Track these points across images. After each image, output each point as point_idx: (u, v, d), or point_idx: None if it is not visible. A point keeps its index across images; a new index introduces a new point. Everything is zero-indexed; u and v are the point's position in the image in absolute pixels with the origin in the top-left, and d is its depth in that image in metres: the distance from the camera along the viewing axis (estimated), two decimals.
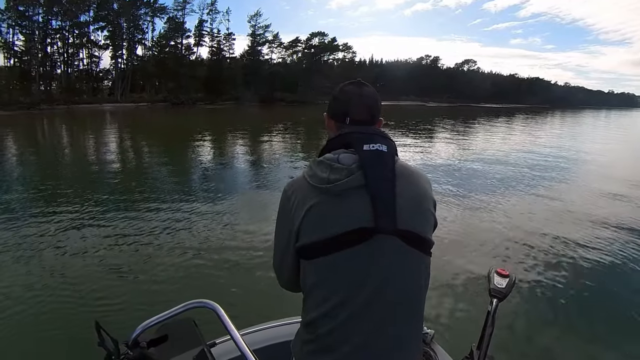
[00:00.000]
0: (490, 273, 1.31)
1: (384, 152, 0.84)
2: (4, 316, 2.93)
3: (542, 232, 5.12)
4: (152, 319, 0.98)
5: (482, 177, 8.91)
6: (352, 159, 0.83)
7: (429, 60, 76.74)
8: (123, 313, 2.97)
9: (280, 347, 1.30)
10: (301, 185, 0.86)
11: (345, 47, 59.89)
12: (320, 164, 0.85)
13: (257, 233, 4.75)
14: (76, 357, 2.46)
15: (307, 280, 0.85)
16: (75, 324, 2.82)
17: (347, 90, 0.93)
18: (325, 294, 0.81)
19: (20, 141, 15.68)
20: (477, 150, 13.50)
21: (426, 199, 0.87)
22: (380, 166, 0.83)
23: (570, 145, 16.42)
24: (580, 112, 62.34)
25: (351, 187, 0.80)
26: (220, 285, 3.52)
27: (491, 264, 3.92)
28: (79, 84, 40.96)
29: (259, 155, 12.30)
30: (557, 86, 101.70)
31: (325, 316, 0.81)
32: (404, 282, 0.82)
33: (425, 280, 0.86)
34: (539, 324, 3.05)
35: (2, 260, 3.94)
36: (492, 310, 1.21)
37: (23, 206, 6.09)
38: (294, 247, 0.85)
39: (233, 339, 0.97)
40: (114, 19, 41.35)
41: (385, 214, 0.79)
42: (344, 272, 0.80)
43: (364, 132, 0.87)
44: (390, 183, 0.82)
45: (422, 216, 0.85)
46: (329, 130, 0.97)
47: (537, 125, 29.18)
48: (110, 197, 6.65)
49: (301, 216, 0.82)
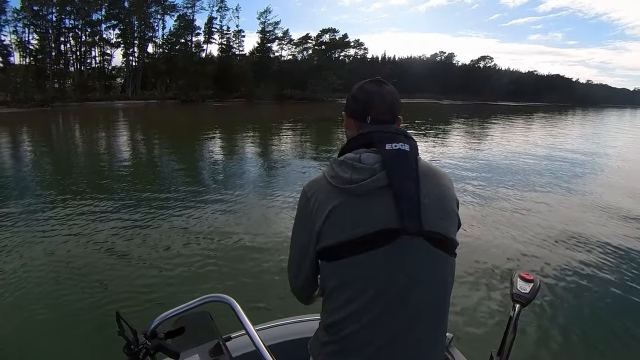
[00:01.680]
0: (513, 277, 1.24)
1: (406, 151, 0.83)
2: (32, 303, 3.10)
3: (572, 237, 4.80)
4: (170, 311, 0.99)
5: (507, 176, 8.59)
6: (374, 159, 0.82)
7: (444, 56, 75.07)
8: (142, 304, 3.09)
9: (295, 344, 1.30)
10: (322, 185, 0.84)
11: (357, 43, 59.11)
12: (341, 164, 0.83)
13: (274, 231, 4.74)
14: (98, 345, 2.57)
15: (328, 283, 0.83)
16: (99, 313, 2.97)
17: (366, 88, 0.91)
18: (349, 296, 0.79)
19: (38, 136, 16.24)
20: (495, 151, 12.86)
21: (450, 199, 0.86)
22: (404, 166, 0.81)
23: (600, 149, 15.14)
24: (603, 111, 59.73)
25: (375, 187, 0.79)
26: (236, 281, 3.55)
27: (515, 268, 3.82)
28: (91, 82, 41.59)
29: (272, 152, 12.10)
30: (579, 84, 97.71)
31: (348, 318, 0.80)
32: (430, 284, 0.81)
33: (451, 282, 0.85)
34: (564, 333, 2.87)
35: (29, 250, 4.14)
36: (515, 315, 1.16)
37: (45, 199, 6.29)
38: (314, 249, 0.84)
39: (248, 334, 0.97)
40: (125, 17, 41.80)
41: (411, 215, 0.78)
42: (368, 274, 0.78)
43: (385, 131, 0.85)
44: (415, 183, 0.80)
45: (447, 217, 0.84)
46: (348, 129, 0.94)
47: (556, 126, 27.71)
48: (129, 192, 6.85)
49: (323, 217, 0.81)
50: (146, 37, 44.44)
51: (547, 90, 76.81)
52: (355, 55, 60.72)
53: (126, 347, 0.91)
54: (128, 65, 43.68)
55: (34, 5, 36.02)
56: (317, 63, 53.35)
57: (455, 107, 49.30)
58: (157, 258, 4.00)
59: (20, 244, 4.28)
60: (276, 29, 52.64)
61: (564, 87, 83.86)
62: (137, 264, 3.88)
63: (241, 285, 3.47)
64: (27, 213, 5.39)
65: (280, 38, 53.56)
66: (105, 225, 4.95)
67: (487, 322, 2.88)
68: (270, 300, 3.11)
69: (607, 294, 3.46)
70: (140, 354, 0.91)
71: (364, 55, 62.29)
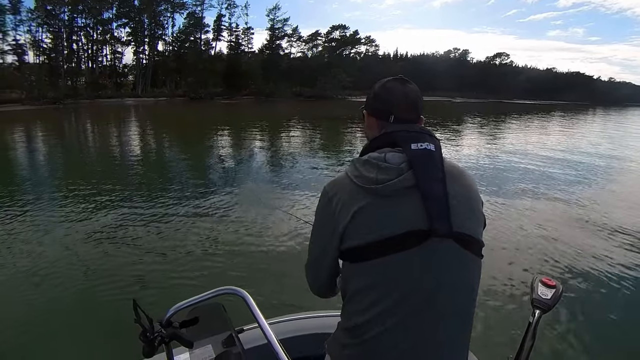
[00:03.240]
0: (534, 282, 1.21)
1: (432, 151, 0.82)
2: (53, 289, 3.30)
3: (598, 243, 4.60)
4: (185, 302, 1.01)
5: (527, 175, 8.35)
6: (400, 159, 0.80)
7: (458, 53, 73.21)
8: (158, 294, 3.22)
9: (306, 339, 1.32)
10: (345, 185, 0.83)
11: (368, 40, 58.33)
12: (366, 164, 0.81)
13: (289, 228, 4.72)
14: (115, 331, 2.64)
15: (351, 284, 0.82)
16: (116, 299, 3.10)
17: (390, 87, 0.90)
18: (373, 299, 0.78)
19: (54, 132, 16.89)
20: (510, 150, 12.35)
21: (476, 199, 0.85)
22: (430, 166, 0.80)
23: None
24: (625, 110, 57.03)
25: (402, 187, 0.78)
26: (250, 275, 3.62)
27: (536, 272, 3.74)
28: (103, 80, 42.14)
29: (285, 150, 12.00)
30: (600, 81, 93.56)
31: (371, 321, 0.78)
32: (458, 287, 0.80)
33: (477, 284, 0.84)
34: (585, 343, 2.74)
35: (49, 239, 4.37)
36: (534, 322, 1.13)
37: (63, 192, 6.58)
38: (337, 249, 0.83)
39: (260, 327, 0.99)
40: (135, 15, 42.17)
41: (440, 216, 0.76)
42: (395, 277, 0.77)
43: (410, 131, 0.84)
44: (442, 183, 0.79)
45: (474, 217, 0.83)
46: (369, 128, 0.93)
47: (577, 125, 26.33)
48: (144, 186, 7.06)
49: (348, 218, 0.79)
50: (156, 35, 44.80)
51: (566, 89, 73.98)
52: (367, 52, 59.91)
53: (142, 335, 0.92)
54: (138, 63, 44.17)
55: (47, 4, 36.61)
56: (327, 60, 52.71)
57: (468, 105, 47.91)
58: (173, 250, 4.13)
59: (41, 232, 4.57)
60: (285, 25, 52.33)
61: (584, 85, 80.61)
62: (153, 255, 4.03)
63: (254, 279, 3.53)
64: (48, 205, 5.70)
65: (289, 35, 53.18)
66: (123, 217, 5.17)
67: (504, 326, 2.78)
68: (282, 295, 3.14)
69: (635, 307, 3.29)
70: (156, 342, 0.92)
71: (375, 52, 61.48)
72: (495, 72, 71.04)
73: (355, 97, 50.98)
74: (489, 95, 64.31)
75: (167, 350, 0.99)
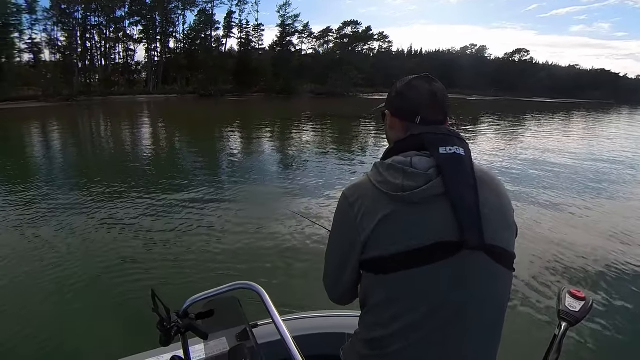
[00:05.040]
0: (562, 292, 1.16)
1: (462, 155, 0.77)
2: (73, 277, 3.50)
3: (633, 253, 4.33)
4: (202, 294, 1.03)
5: (551, 181, 8.05)
6: (427, 163, 0.76)
7: (474, 49, 71.09)
8: (175, 285, 3.34)
9: (320, 337, 1.33)
10: (367, 191, 0.78)
11: (381, 36, 57.27)
12: (390, 168, 0.77)
13: (307, 229, 4.69)
14: (134, 318, 2.78)
15: (372, 296, 0.78)
16: (135, 288, 3.27)
17: (415, 85, 0.85)
18: (396, 312, 0.74)
19: (71, 128, 18.02)
20: (534, 152, 11.92)
21: (509, 208, 0.80)
22: (460, 172, 0.75)
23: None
24: None
25: (431, 195, 0.73)
26: (266, 271, 3.68)
27: (564, 282, 3.57)
28: (116, 77, 42.74)
29: (301, 148, 12.00)
30: (627, 79, 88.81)
31: (394, 335, 0.74)
32: (488, 302, 0.75)
33: (508, 299, 0.80)
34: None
35: (72, 230, 4.67)
36: (560, 334, 1.08)
37: (87, 184, 6.95)
38: (357, 259, 0.78)
39: (275, 323, 1.00)
40: (147, 13, 42.56)
41: (471, 227, 0.72)
42: (422, 291, 0.73)
43: (438, 133, 0.79)
44: (473, 191, 0.74)
45: (508, 228, 0.78)
46: (392, 129, 0.88)
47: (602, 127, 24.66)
48: (164, 181, 7.25)
49: (371, 226, 0.74)
50: (167, 32, 45.19)
51: (589, 86, 70.73)
52: (380, 49, 58.81)
53: (159, 324, 0.94)
54: (150, 60, 44.54)
55: (62, 3, 37.34)
56: (339, 57, 51.94)
57: (485, 103, 46.23)
58: (192, 244, 4.27)
59: (64, 224, 4.82)
60: (296, 22, 51.72)
61: (609, 83, 76.84)
62: (171, 248, 4.19)
63: (270, 276, 3.55)
64: (73, 199, 6.03)
65: (300, 31, 52.60)
66: (145, 211, 5.41)
67: (527, 337, 2.67)
68: (297, 293, 3.15)
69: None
70: (172, 332, 0.94)
71: (389, 49, 60.26)
72: (514, 69, 68.64)
73: (368, 94, 50.18)
74: (506, 93, 62.16)
75: (182, 340, 1.00)
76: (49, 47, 38.53)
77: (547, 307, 3.11)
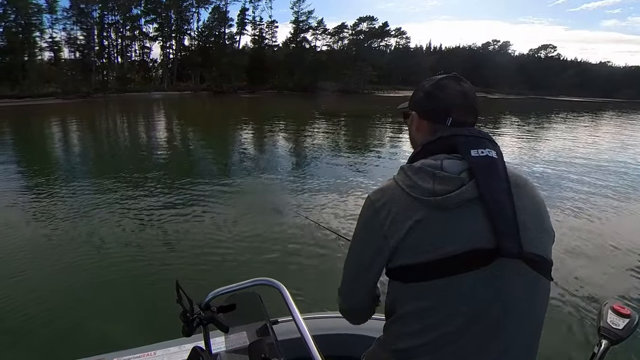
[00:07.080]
0: (603, 308, 1.09)
1: (495, 158, 0.73)
2: (103, 268, 3.66)
3: None
4: (224, 288, 1.06)
5: (589, 186, 7.45)
6: (459, 167, 0.72)
7: (497, 45, 68.16)
8: (199, 278, 3.42)
9: (340, 338, 1.36)
10: (395, 195, 0.74)
11: (398, 32, 55.69)
12: (419, 172, 0.73)
13: (329, 230, 4.61)
14: (158, 308, 2.89)
15: (400, 306, 0.75)
16: (161, 279, 3.44)
17: (445, 85, 0.81)
18: (428, 323, 0.71)
19: (93, 123, 18.91)
20: (570, 155, 11.18)
21: (545, 213, 0.77)
22: (494, 175, 0.72)
23: None
24: None
25: (464, 200, 0.70)
26: (288, 268, 3.76)
27: (606, 297, 3.39)
28: (131, 74, 43.46)
29: (321, 146, 11.93)
30: None
31: (425, 346, 0.72)
32: (526, 314, 0.72)
33: (546, 310, 0.76)
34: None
35: (104, 224, 4.87)
36: (600, 352, 1.01)
37: (111, 178, 7.15)
38: (382, 266, 0.76)
39: (295, 321, 1.01)
40: (162, 11, 43.01)
41: (508, 234, 0.69)
42: (456, 300, 0.70)
43: (469, 135, 0.76)
44: (508, 196, 0.71)
45: (545, 235, 0.74)
46: (419, 131, 0.85)
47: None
48: (188, 177, 7.41)
49: (401, 233, 0.71)
50: (182, 30, 45.62)
51: (622, 85, 66.48)
52: (397, 45, 57.28)
53: (182, 315, 0.96)
54: (165, 57, 45.13)
55: (80, 3, 38.17)
56: (354, 53, 50.88)
57: (505, 102, 44.09)
58: (217, 239, 4.41)
59: (94, 218, 5.03)
60: (310, 18, 50.98)
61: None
62: (196, 242, 4.32)
63: (292, 273, 3.64)
64: (101, 192, 6.30)
65: (314, 28, 51.82)
66: (171, 206, 5.61)
67: (563, 352, 2.63)
68: (317, 292, 3.15)
69: None
70: (194, 323, 0.97)
71: (406, 45, 58.57)
72: (539, 65, 65.47)
73: (383, 92, 48.91)
74: (530, 91, 59.33)
75: (204, 332, 1.03)
76: (67, 46, 39.59)
77: (585, 321, 2.97)
